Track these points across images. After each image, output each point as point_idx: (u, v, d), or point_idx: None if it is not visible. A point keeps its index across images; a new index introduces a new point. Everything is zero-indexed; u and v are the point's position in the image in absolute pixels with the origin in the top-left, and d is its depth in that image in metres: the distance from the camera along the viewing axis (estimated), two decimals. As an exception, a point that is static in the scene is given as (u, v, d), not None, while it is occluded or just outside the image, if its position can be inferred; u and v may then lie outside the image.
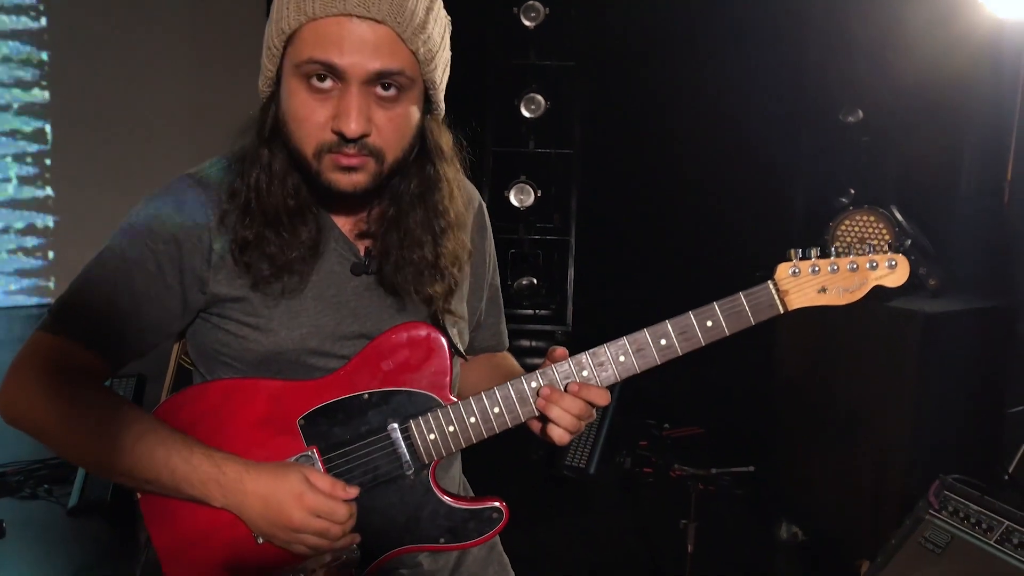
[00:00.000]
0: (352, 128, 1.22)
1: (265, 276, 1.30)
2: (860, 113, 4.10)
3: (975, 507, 2.41)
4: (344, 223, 1.39)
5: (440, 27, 1.30)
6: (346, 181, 1.27)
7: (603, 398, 1.33)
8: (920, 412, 3.31)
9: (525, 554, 1.62)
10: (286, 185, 1.31)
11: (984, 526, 2.37)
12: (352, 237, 1.39)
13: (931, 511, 2.52)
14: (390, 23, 1.21)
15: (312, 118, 1.24)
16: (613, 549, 3.83)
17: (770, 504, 3.86)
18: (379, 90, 1.24)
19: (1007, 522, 2.32)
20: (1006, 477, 3.35)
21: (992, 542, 2.32)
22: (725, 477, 4.16)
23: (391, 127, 1.26)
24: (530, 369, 1.38)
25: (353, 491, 1.30)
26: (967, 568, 2.25)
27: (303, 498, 1.26)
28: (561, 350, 1.36)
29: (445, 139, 1.38)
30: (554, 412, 1.32)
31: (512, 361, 1.62)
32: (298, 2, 1.22)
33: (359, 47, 1.20)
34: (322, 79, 1.22)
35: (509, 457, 4.37)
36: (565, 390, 1.32)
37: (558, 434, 1.34)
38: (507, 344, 1.69)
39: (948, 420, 3.37)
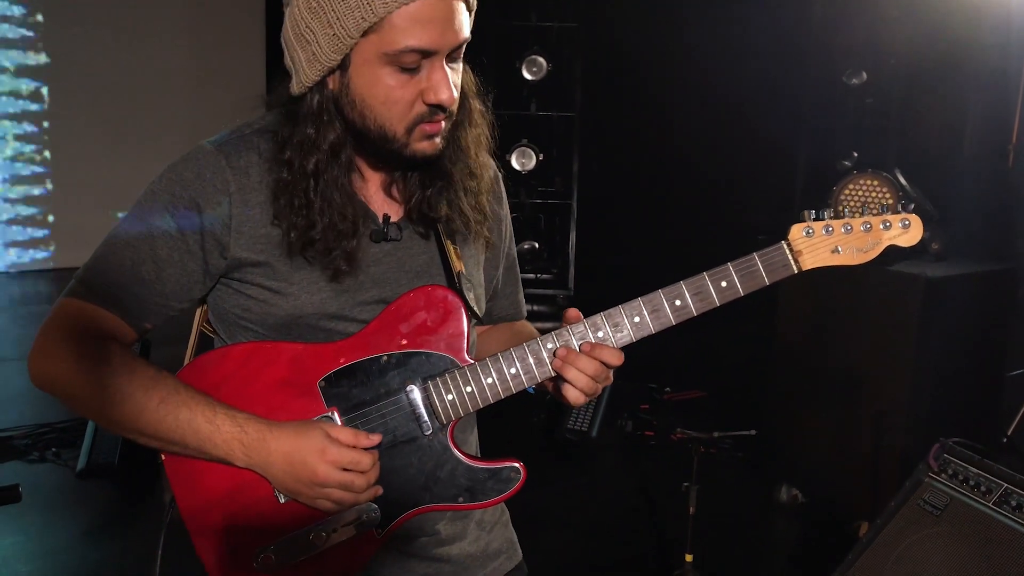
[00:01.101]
0: (451, 98, 1.28)
1: (343, 271, 1.34)
2: (864, 75, 4.07)
3: (974, 470, 2.43)
4: (365, 191, 1.40)
5: None
6: (431, 146, 1.32)
7: (615, 357, 1.34)
8: (921, 375, 3.33)
9: (527, 517, 1.65)
10: (350, 171, 1.34)
11: (983, 488, 2.39)
12: (371, 204, 1.40)
13: (931, 473, 2.54)
14: None
15: (404, 99, 1.27)
16: (615, 511, 3.88)
17: (770, 467, 3.90)
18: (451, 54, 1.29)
19: (1006, 484, 2.34)
20: (1004, 440, 3.38)
21: (991, 504, 2.35)
22: (727, 440, 4.20)
23: (458, 84, 1.32)
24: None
25: (375, 438, 1.33)
26: (965, 530, 2.28)
27: (326, 452, 1.28)
28: (574, 311, 1.38)
29: (467, 75, 1.41)
30: (570, 373, 1.34)
31: (531, 329, 1.64)
32: None
33: (449, 25, 1.24)
34: (413, 61, 1.25)
35: (511, 420, 4.40)
36: (580, 350, 1.34)
37: (573, 395, 1.36)
38: (525, 313, 1.71)
39: (948, 383, 3.40)
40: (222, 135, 1.37)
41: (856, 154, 4.02)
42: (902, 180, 3.54)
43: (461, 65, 1.33)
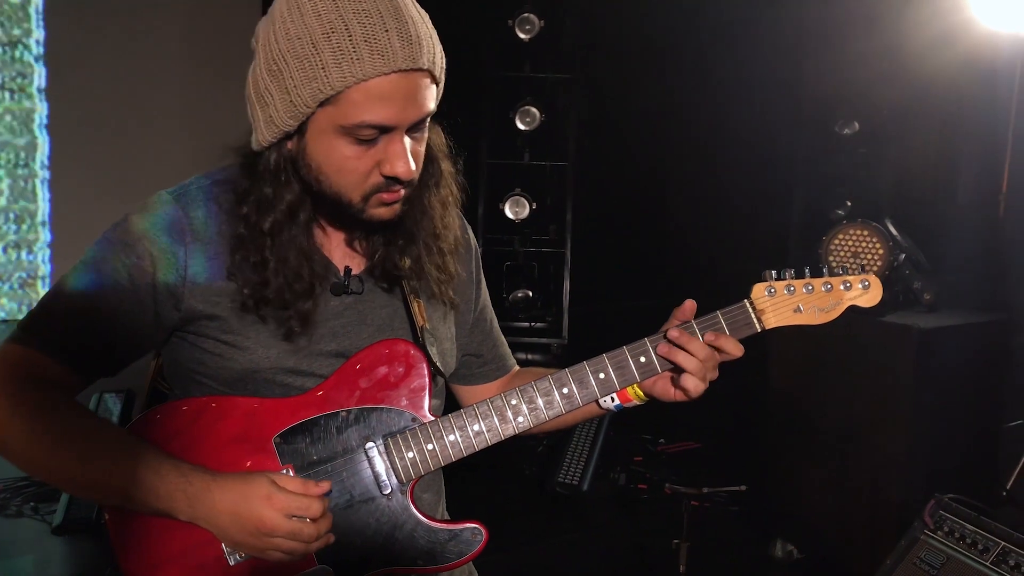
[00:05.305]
0: (411, 172, 1.25)
1: (296, 332, 1.31)
2: (856, 125, 4.08)
3: (971, 527, 2.39)
4: (327, 244, 1.38)
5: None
6: (388, 212, 1.29)
7: (736, 348, 1.35)
8: (916, 428, 3.28)
9: (517, 572, 1.59)
10: (309, 229, 1.31)
11: (980, 547, 2.35)
12: (332, 257, 1.37)
13: (926, 531, 2.49)
14: (427, 66, 1.22)
15: (359, 169, 1.24)
16: (607, 567, 3.78)
17: (765, 522, 3.82)
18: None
19: (1003, 543, 2.30)
20: (1004, 493, 3.31)
21: (988, 563, 2.30)
22: (719, 495, 4.12)
23: (420, 155, 1.29)
24: None
25: (325, 485, 1.28)
26: (962, 589, 2.23)
27: (272, 499, 1.23)
28: (689, 303, 1.38)
29: (437, 136, 1.39)
30: (679, 356, 1.35)
31: (531, 371, 1.62)
32: (339, 62, 1.17)
33: (409, 102, 1.21)
34: (370, 135, 1.22)
35: (502, 474, 4.33)
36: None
37: (691, 384, 1.36)
38: (513, 362, 1.67)
39: (944, 436, 3.34)
40: (181, 185, 1.34)
41: (849, 203, 4.01)
42: (892, 230, 3.51)
43: (426, 133, 1.30)
